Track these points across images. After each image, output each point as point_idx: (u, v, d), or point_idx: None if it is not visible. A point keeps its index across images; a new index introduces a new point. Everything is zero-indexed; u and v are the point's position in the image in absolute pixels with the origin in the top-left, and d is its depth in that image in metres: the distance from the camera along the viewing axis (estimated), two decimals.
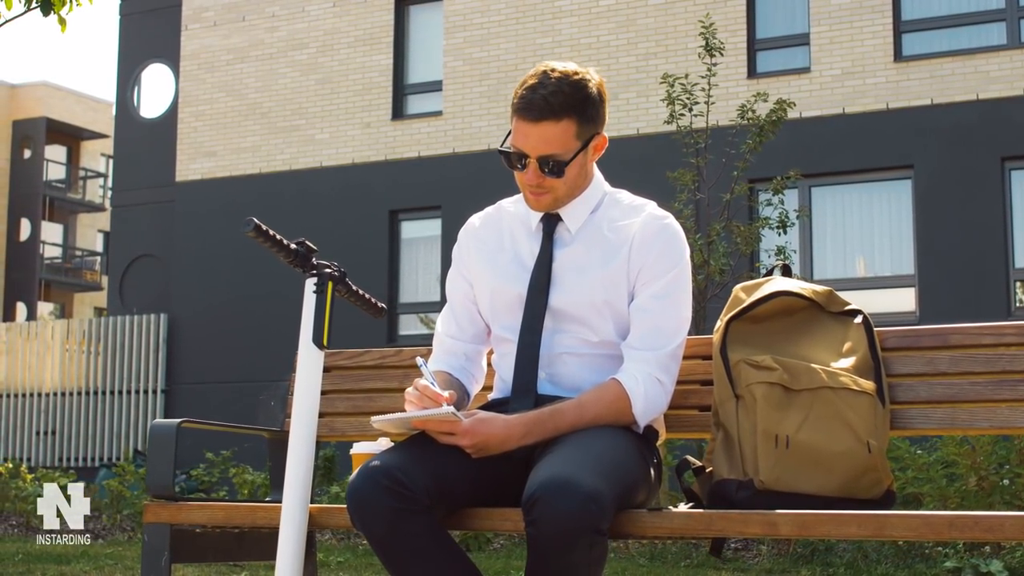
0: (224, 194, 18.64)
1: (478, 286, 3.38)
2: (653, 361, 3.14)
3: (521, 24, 17.42)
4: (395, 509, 2.88)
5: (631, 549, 8.93)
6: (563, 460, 2.85)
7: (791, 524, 2.75)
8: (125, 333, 19.10)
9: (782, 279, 3.29)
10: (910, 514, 2.67)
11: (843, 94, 15.56)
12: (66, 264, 46.64)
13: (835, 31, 15.71)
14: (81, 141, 46.43)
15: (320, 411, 3.80)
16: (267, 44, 18.97)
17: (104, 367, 19.18)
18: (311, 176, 18.23)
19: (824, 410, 3.02)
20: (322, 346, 3.19)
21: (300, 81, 18.66)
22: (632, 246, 3.21)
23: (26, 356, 19.75)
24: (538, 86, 3.12)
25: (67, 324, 19.83)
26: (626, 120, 16.43)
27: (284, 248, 3.24)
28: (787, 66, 16.10)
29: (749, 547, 8.94)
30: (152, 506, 3.34)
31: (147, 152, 20.01)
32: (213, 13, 19.37)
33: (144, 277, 19.88)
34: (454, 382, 3.34)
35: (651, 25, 16.60)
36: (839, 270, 15.57)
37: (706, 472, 3.14)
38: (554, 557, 2.79)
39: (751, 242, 10.70)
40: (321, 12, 18.66)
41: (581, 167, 3.22)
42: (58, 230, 46.39)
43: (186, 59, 19.51)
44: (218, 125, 19.14)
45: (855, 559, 8.13)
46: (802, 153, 15.06)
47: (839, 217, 15.70)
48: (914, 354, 3.25)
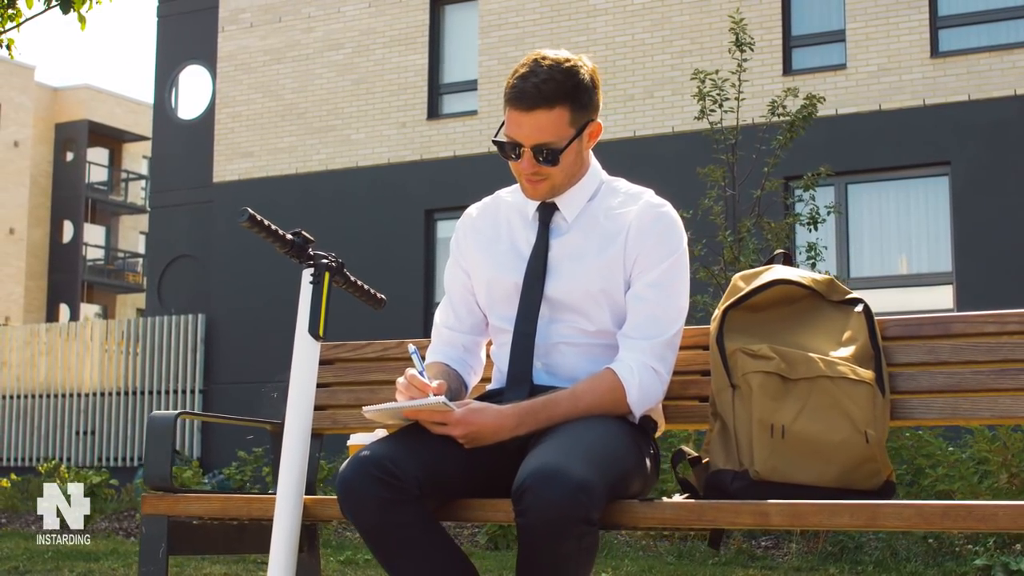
0: (261, 194, 18.70)
1: (475, 276, 3.36)
2: (648, 350, 3.11)
3: (555, 23, 17.39)
4: (385, 499, 2.86)
5: (659, 547, 8.89)
6: (554, 450, 2.82)
7: (783, 514, 2.71)
8: (163, 333, 19.19)
9: (782, 268, 3.25)
10: (903, 504, 2.62)
11: (879, 90, 15.45)
12: (108, 266, 46.98)
13: (871, 27, 15.59)
14: (123, 143, 46.78)
15: (323, 403, 3.81)
16: (303, 45, 19.02)
17: (142, 367, 19.28)
18: (347, 176, 18.26)
19: (821, 400, 2.98)
20: (318, 337, 3.17)
21: (336, 81, 18.70)
22: (628, 234, 3.17)
23: (66, 356, 19.87)
24: (529, 75, 3.09)
25: (106, 325, 19.94)
26: (661, 118, 16.38)
27: (280, 239, 3.22)
28: (823, 63, 16.00)
29: (780, 545, 8.88)
30: (150, 498, 3.34)
31: (185, 153, 20.10)
32: (250, 14, 19.45)
33: (182, 278, 19.97)
34: (451, 373, 3.32)
35: (686, 23, 16.53)
36: (876, 268, 15.45)
37: (703, 463, 3.10)
38: (544, 547, 2.76)
39: (782, 238, 10.61)
40: (357, 12, 18.69)
41: (576, 154, 3.19)
42: (100, 232, 46.74)
43: (223, 60, 19.60)
44: (255, 126, 19.21)
45: (884, 557, 8.05)
46: (838, 150, 14.96)
47: (875, 215, 15.58)
48: (916, 343, 3.20)
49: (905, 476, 8.75)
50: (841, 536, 8.42)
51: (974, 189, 14.73)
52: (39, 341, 20.05)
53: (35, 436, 19.75)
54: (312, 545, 3.77)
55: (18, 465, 19.27)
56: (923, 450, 8.73)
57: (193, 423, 18.75)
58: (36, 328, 20.30)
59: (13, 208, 42.22)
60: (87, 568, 7.95)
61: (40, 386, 19.94)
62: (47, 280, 43.77)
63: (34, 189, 43.55)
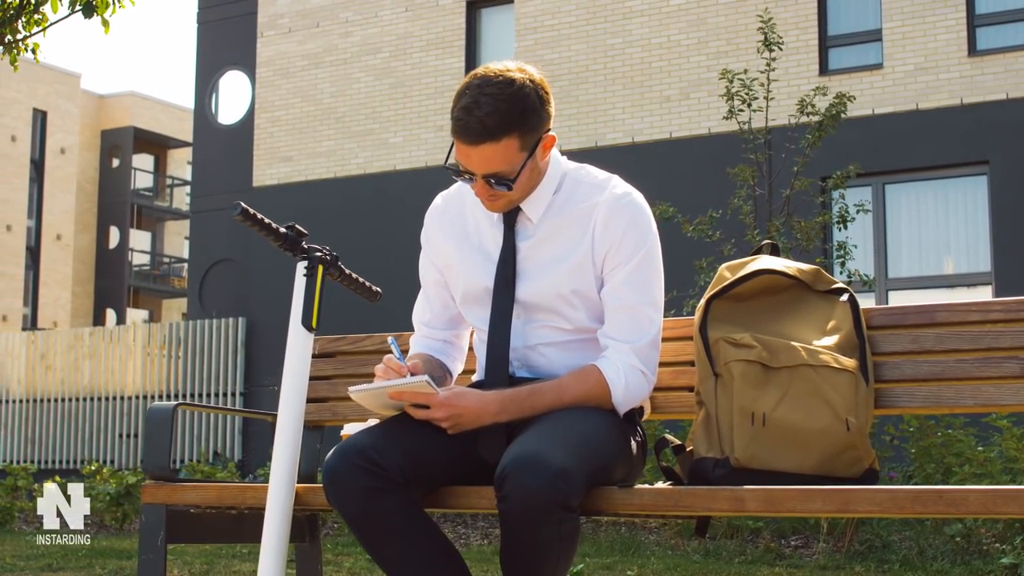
0: (300, 198, 18.83)
1: (448, 275, 3.35)
2: (633, 353, 3.11)
3: (592, 25, 17.41)
4: (369, 488, 2.90)
5: (686, 546, 8.89)
6: (535, 437, 2.85)
7: (758, 500, 2.74)
8: (204, 337, 19.34)
9: (768, 258, 3.26)
10: (875, 489, 2.64)
11: (916, 90, 15.38)
12: (154, 271, 47.38)
13: (907, 26, 15.53)
14: (167, 149, 47.20)
15: (323, 396, 3.86)
16: (341, 49, 19.14)
17: (184, 371, 19.43)
18: (385, 179, 18.35)
19: (803, 388, 2.99)
20: (311, 329, 3.22)
21: (374, 85, 18.80)
22: (595, 230, 3.13)
23: (109, 360, 20.07)
24: (472, 106, 2.99)
25: (148, 328, 20.12)
26: (697, 119, 16.37)
27: (274, 232, 3.27)
28: (859, 62, 15.95)
29: (808, 544, 8.87)
30: (149, 487, 3.40)
31: (225, 158, 20.26)
32: (288, 20, 19.58)
33: (223, 281, 20.12)
34: (435, 362, 3.35)
35: (722, 24, 16.52)
36: (914, 268, 15.37)
37: (687, 451, 3.13)
38: (524, 533, 2.80)
39: (812, 238, 10.59)
40: (394, 17, 18.79)
41: (531, 172, 3.12)
42: (146, 237, 47.16)
43: (262, 66, 19.75)
44: (294, 130, 19.34)
45: (910, 555, 8.03)
46: (875, 150, 14.91)
47: (913, 215, 15.50)
48: (900, 332, 3.21)
49: (935, 475, 8.71)
50: (868, 535, 8.40)
51: (1013, 188, 14.64)
52: (83, 345, 20.26)
53: (79, 439, 19.95)
54: (313, 535, 3.82)
55: (62, 467, 19.48)
56: (952, 448, 8.70)
57: (234, 425, 18.89)
58: (80, 332, 20.50)
59: (60, 214, 42.66)
60: (118, 565, 8.05)
61: (84, 389, 20.14)
62: (94, 286, 44.18)
63: (80, 195, 43.98)
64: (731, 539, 8.96)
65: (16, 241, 40.85)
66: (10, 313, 40.21)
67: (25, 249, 41.48)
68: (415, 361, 3.18)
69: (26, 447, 20.25)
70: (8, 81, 40.06)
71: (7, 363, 20.61)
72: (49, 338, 20.65)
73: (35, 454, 20.14)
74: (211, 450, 18.63)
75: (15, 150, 40.88)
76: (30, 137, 41.59)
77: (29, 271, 41.99)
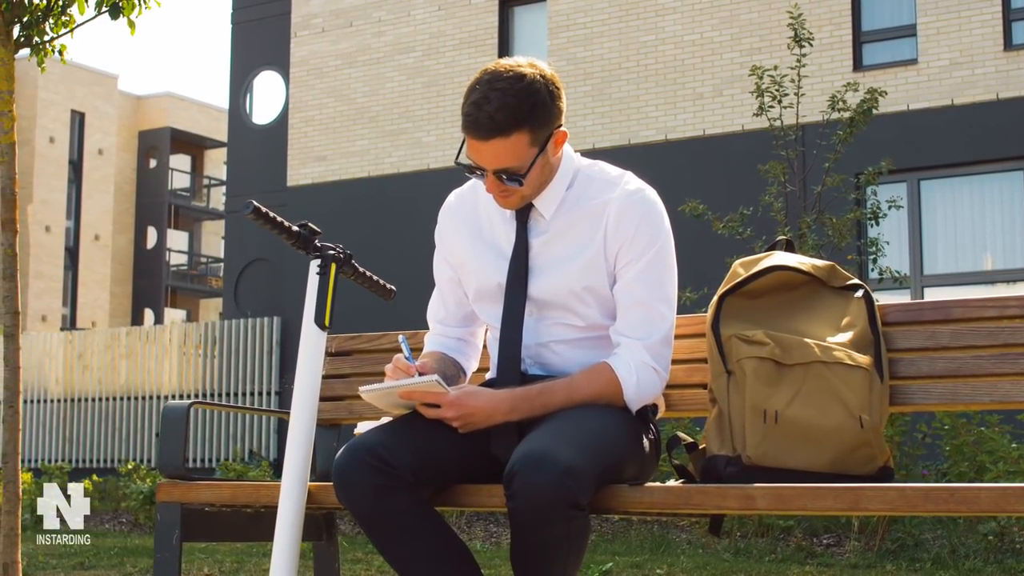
0: (334, 197, 18.87)
1: (461, 272, 3.35)
2: (645, 350, 3.09)
3: (624, 22, 17.37)
4: (379, 486, 2.89)
5: (716, 545, 8.85)
6: (544, 435, 2.84)
7: (768, 498, 2.71)
8: (239, 336, 19.41)
9: (782, 254, 3.23)
10: (886, 487, 2.61)
11: (952, 85, 15.27)
12: (191, 271, 47.62)
13: (942, 21, 15.41)
14: (204, 150, 47.44)
15: (340, 394, 3.86)
16: (374, 49, 19.16)
17: (219, 370, 19.51)
18: (419, 179, 18.36)
19: (816, 385, 2.96)
20: (324, 327, 3.22)
21: (407, 85, 18.82)
22: (607, 227, 3.12)
23: (146, 360, 20.17)
24: (482, 101, 2.98)
25: (184, 328, 20.21)
26: (731, 116, 16.30)
27: (286, 230, 3.28)
28: (894, 58, 15.84)
29: (841, 543, 8.82)
30: (164, 485, 3.40)
31: (260, 158, 20.33)
32: (321, 20, 19.63)
33: (258, 281, 20.19)
34: (448, 360, 3.34)
35: (754, 20, 16.45)
36: (950, 265, 15.26)
37: (699, 448, 3.11)
38: (533, 531, 2.78)
39: (844, 234, 10.52)
40: (426, 16, 18.80)
41: (542, 167, 3.11)
42: (183, 237, 47.41)
43: (296, 66, 19.79)
44: (328, 130, 19.38)
45: (942, 554, 7.97)
46: (910, 146, 14.81)
47: (949, 211, 15.39)
48: (916, 328, 3.17)
49: (968, 473, 8.65)
50: (900, 533, 8.35)
51: None
52: (119, 345, 20.37)
53: (116, 438, 20.07)
54: (331, 534, 3.82)
55: (99, 466, 19.59)
56: (985, 446, 8.63)
57: (270, 424, 18.95)
58: (117, 332, 20.62)
59: (98, 215, 42.93)
60: (148, 564, 8.09)
61: (121, 389, 20.25)
62: (132, 286, 44.44)
63: (118, 196, 44.25)
64: (762, 538, 8.92)
65: (55, 242, 41.14)
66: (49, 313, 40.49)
67: (64, 250, 41.77)
68: (425, 360, 3.17)
69: (63, 446, 20.39)
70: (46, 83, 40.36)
71: (45, 363, 20.75)
72: (86, 338, 20.78)
73: (72, 453, 20.28)
74: (247, 449, 18.70)
75: (53, 151, 41.17)
76: (68, 138, 41.88)
77: (68, 272, 42.28)
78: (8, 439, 5.61)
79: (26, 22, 5.90)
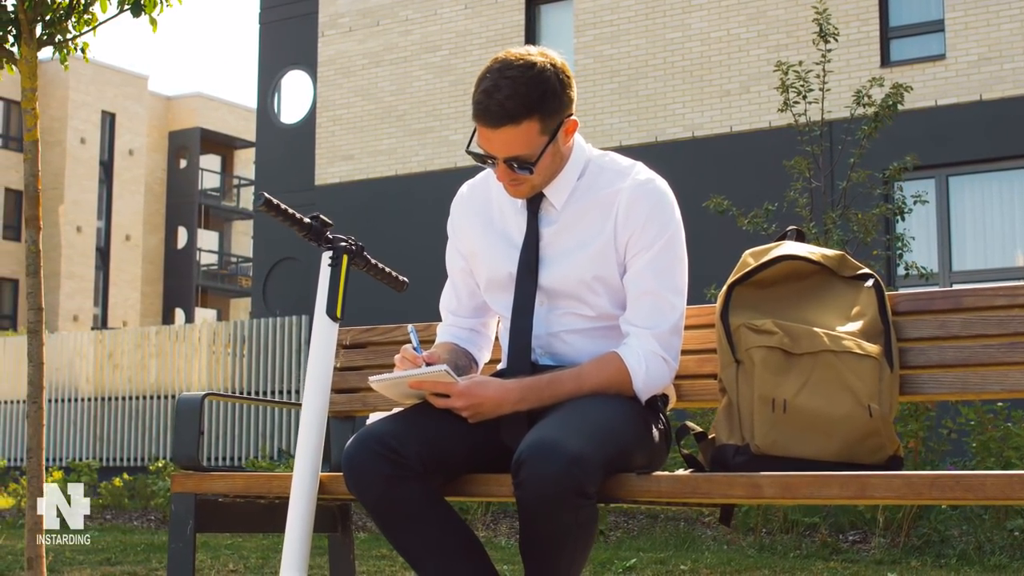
0: (362, 196, 18.93)
1: (473, 262, 3.36)
2: (654, 339, 3.09)
3: (651, 19, 17.36)
4: (388, 475, 2.90)
5: (741, 542, 8.84)
6: (552, 424, 2.85)
7: (775, 486, 2.71)
8: (268, 335, 19.45)
9: (791, 244, 3.23)
10: (892, 474, 2.61)
11: (980, 80, 15.20)
12: (222, 271, 47.82)
13: (970, 16, 15.34)
14: (234, 150, 47.65)
15: (354, 386, 3.88)
16: (401, 48, 19.21)
17: (248, 369, 19.57)
18: (446, 177, 18.37)
19: (825, 374, 2.96)
20: (335, 318, 3.23)
21: (434, 83, 18.85)
22: (618, 217, 3.12)
23: (175, 359, 20.24)
24: (493, 89, 3.00)
25: (213, 327, 20.29)
26: (757, 113, 16.27)
27: (298, 223, 3.29)
28: (921, 53, 15.78)
29: (867, 539, 8.79)
30: (178, 476, 3.43)
31: (288, 157, 20.40)
32: (349, 19, 19.68)
33: (286, 280, 20.26)
34: (460, 351, 3.35)
35: (781, 16, 16.41)
36: (979, 261, 15.19)
37: (709, 438, 3.11)
38: (541, 519, 2.79)
39: (870, 230, 10.47)
40: (453, 14, 18.83)
41: (553, 156, 3.12)
42: (214, 237, 47.62)
43: (323, 65, 19.86)
44: (355, 129, 19.44)
45: (968, 550, 7.93)
46: (939, 142, 14.75)
47: (978, 207, 15.32)
48: (927, 317, 3.16)
49: (995, 468, 8.61)
50: (926, 529, 8.31)
51: None
52: (149, 344, 20.45)
53: (146, 436, 20.15)
54: (346, 526, 3.84)
55: (129, 464, 19.69)
56: (1011, 442, 8.59)
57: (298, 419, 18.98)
58: (146, 331, 20.71)
59: (129, 215, 43.18)
60: None
61: (150, 388, 20.33)
62: (162, 286, 44.66)
63: (149, 196, 44.49)
64: (787, 534, 8.90)
65: (86, 242, 41.39)
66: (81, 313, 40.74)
67: (95, 250, 42.02)
68: (435, 351, 3.19)
69: (94, 445, 20.49)
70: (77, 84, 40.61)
71: (76, 362, 20.86)
72: (116, 337, 20.88)
73: (102, 452, 20.37)
74: (275, 448, 18.75)
75: (84, 152, 41.42)
76: (99, 139, 42.14)
77: (99, 272, 42.53)
78: (32, 434, 5.65)
79: (49, 20, 5.94)
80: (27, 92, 5.83)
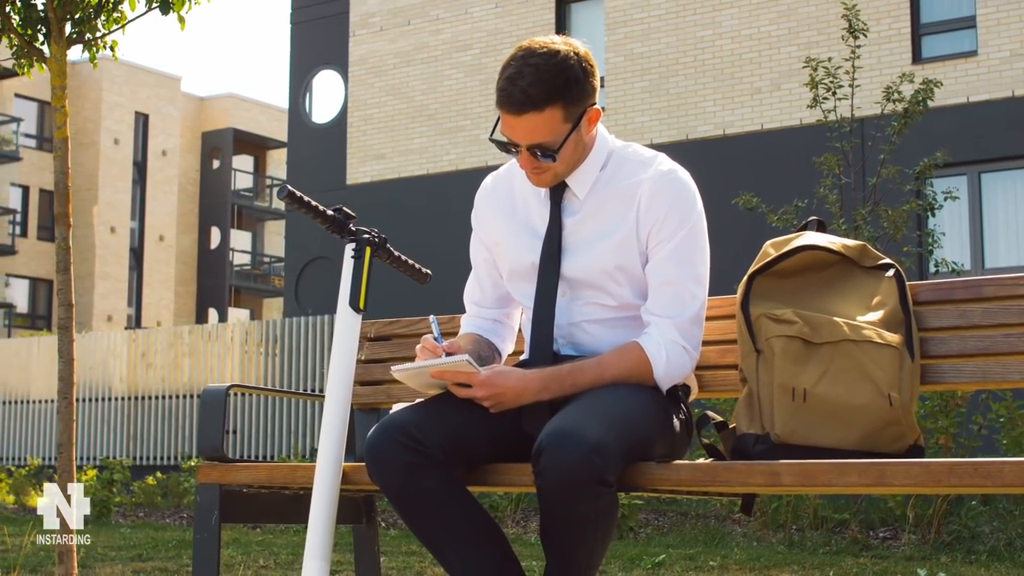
0: (393, 195, 18.98)
1: (496, 252, 3.38)
2: (675, 328, 3.10)
3: (681, 17, 17.34)
4: (410, 464, 2.92)
5: (771, 538, 8.83)
6: (572, 413, 2.86)
7: (794, 474, 2.71)
8: (300, 334, 19.51)
9: (813, 234, 3.23)
10: (910, 462, 2.60)
11: (1012, 77, 15.12)
12: (255, 270, 47.99)
13: (1002, 12, 15.27)
14: (266, 150, 47.83)
15: (378, 379, 3.90)
16: (432, 47, 19.25)
17: (281, 367, 19.63)
18: (477, 176, 18.14)
19: (845, 363, 2.96)
20: (358, 310, 3.25)
21: (464, 82, 18.89)
22: (640, 206, 3.13)
23: (208, 358, 20.33)
24: (516, 76, 3.02)
25: (245, 326, 20.37)
26: (788, 110, 16.24)
27: (321, 215, 3.30)
28: (953, 50, 15.72)
29: (897, 536, 8.77)
30: (203, 467, 3.45)
31: (319, 157, 20.47)
32: (379, 18, 19.74)
33: (318, 279, 20.32)
34: (483, 342, 3.36)
35: (812, 14, 16.37)
36: (1012, 258, 15.12)
37: (730, 427, 3.11)
38: (561, 508, 2.80)
39: (900, 226, 10.44)
40: (484, 13, 18.86)
41: (576, 144, 3.13)
42: (247, 238, 47.81)
43: (354, 64, 19.92)
44: (386, 128, 19.49)
45: (998, 546, 7.89)
46: (971, 138, 14.69)
47: (1011, 203, 15.24)
48: (948, 307, 3.16)
49: None
50: (956, 526, 8.28)
51: None
52: (182, 343, 20.55)
53: (179, 435, 20.24)
54: (370, 517, 3.86)
55: (162, 463, 19.79)
56: None
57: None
58: (179, 330, 20.81)
59: (162, 216, 43.40)
60: None
61: (184, 387, 20.42)
62: (196, 286, 44.86)
63: (182, 197, 44.73)
64: (816, 530, 8.88)
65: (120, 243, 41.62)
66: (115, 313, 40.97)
67: (129, 250, 42.25)
68: (458, 341, 3.20)
69: (128, 443, 20.60)
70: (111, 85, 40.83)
71: (109, 361, 20.98)
72: (149, 336, 20.99)
73: (136, 450, 20.48)
74: (307, 445, 18.80)
75: (118, 153, 41.66)
76: (132, 140, 42.38)
77: (133, 272, 42.76)
78: (63, 430, 5.69)
79: (78, 18, 5.98)
80: (56, 90, 5.88)
